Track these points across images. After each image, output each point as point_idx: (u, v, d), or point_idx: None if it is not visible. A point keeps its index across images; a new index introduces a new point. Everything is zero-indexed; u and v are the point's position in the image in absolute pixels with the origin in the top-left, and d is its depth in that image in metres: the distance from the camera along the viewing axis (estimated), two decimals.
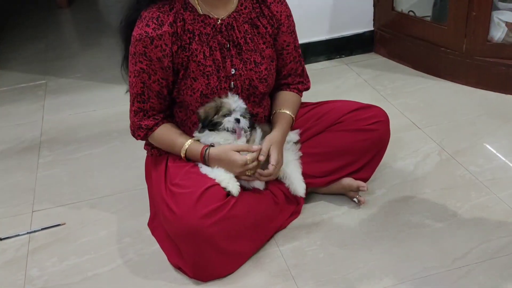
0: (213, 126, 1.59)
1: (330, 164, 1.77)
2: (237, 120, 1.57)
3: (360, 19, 2.86)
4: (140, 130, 1.66)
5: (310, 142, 1.77)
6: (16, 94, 2.78)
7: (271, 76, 1.70)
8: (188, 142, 1.62)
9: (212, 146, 1.60)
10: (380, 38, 2.86)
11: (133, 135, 1.70)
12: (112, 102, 2.58)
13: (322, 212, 1.77)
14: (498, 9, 2.41)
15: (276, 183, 1.69)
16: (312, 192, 1.81)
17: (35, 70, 3.06)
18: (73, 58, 3.24)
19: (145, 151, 1.82)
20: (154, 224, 1.73)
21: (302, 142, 1.77)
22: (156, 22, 1.54)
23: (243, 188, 1.61)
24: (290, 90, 1.79)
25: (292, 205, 1.74)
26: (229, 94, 1.61)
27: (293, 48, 1.74)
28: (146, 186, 1.83)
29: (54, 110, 2.59)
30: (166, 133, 1.66)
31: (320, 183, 1.78)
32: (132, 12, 1.62)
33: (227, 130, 1.59)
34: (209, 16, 1.60)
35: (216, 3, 1.60)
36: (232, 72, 1.63)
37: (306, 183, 1.72)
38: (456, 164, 1.96)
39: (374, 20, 2.86)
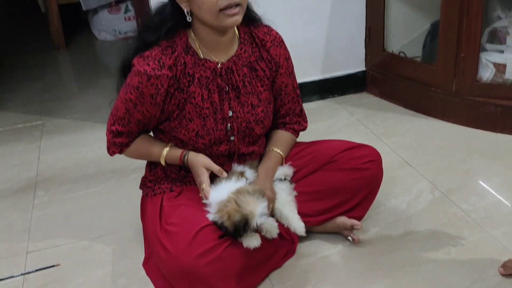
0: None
1: (324, 202, 1.78)
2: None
3: (352, 60, 2.92)
4: (114, 147, 1.70)
5: (304, 180, 1.79)
6: (13, 135, 2.80)
7: (268, 118, 1.73)
8: (166, 150, 1.68)
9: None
10: (372, 78, 2.92)
11: (108, 151, 1.73)
12: None
13: (316, 251, 1.77)
14: (486, 50, 2.48)
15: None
16: (306, 231, 1.81)
17: (32, 110, 3.09)
18: (70, 99, 3.28)
19: (140, 191, 1.84)
20: (149, 264, 1.73)
21: (296, 180, 1.79)
22: (158, 63, 1.57)
23: None
24: (285, 130, 1.82)
25: (287, 244, 1.75)
26: (250, 193, 1.53)
27: (291, 89, 1.78)
28: (141, 225, 1.84)
29: (50, 150, 2.60)
30: (141, 145, 1.71)
31: (314, 222, 1.79)
32: (135, 54, 1.64)
33: None
34: (209, 60, 1.63)
35: (216, 48, 1.63)
36: (230, 115, 1.66)
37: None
38: (449, 202, 1.98)
39: (365, 60, 2.93)
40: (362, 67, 2.95)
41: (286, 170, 1.77)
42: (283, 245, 1.73)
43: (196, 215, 1.61)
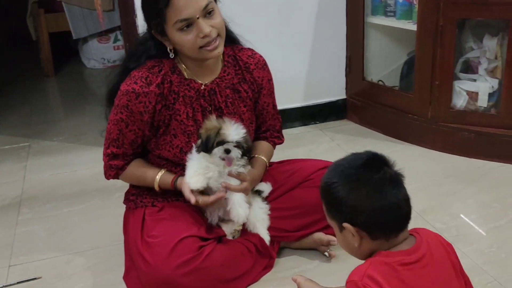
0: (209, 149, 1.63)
1: (301, 219, 1.83)
2: (227, 151, 1.63)
3: (333, 88, 3.03)
4: (110, 170, 1.75)
5: (283, 198, 1.85)
6: (0, 155, 2.83)
7: (249, 137, 1.80)
8: (159, 175, 1.73)
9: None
10: (352, 105, 3.02)
11: (105, 175, 1.78)
12: (93, 163, 2.64)
13: (294, 266, 1.82)
14: (459, 79, 2.58)
15: (250, 237, 1.75)
16: (284, 247, 1.87)
17: (19, 133, 3.13)
18: (56, 123, 3.34)
19: (124, 208, 1.88)
20: (129, 277, 1.75)
21: (275, 198, 1.85)
22: (145, 81, 1.64)
23: (217, 240, 1.68)
24: (267, 141, 1.91)
25: (265, 259, 1.79)
26: (231, 121, 1.65)
27: (271, 108, 1.88)
28: (123, 241, 1.87)
29: (36, 170, 2.64)
30: (136, 169, 1.76)
31: (292, 238, 1.84)
32: (119, 80, 1.71)
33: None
34: (194, 81, 1.71)
35: (200, 71, 1.72)
36: None
37: (279, 237, 1.81)
38: (423, 221, 2.04)
39: (346, 89, 3.04)
40: (342, 95, 3.05)
41: (265, 188, 1.83)
42: (261, 260, 1.78)
43: (177, 228, 1.66)
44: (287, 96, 2.90)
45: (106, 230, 2.07)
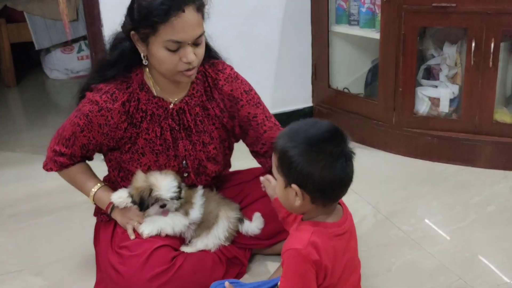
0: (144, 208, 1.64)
1: (272, 226, 1.84)
2: (163, 206, 1.64)
3: (299, 96, 3.08)
4: (54, 165, 1.72)
5: (252, 206, 1.84)
6: None
7: (220, 154, 1.78)
8: (95, 188, 1.73)
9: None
10: (318, 113, 3.07)
11: (44, 166, 1.75)
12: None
13: (266, 271, 1.83)
14: (421, 85, 2.67)
15: (221, 246, 1.76)
16: (256, 253, 1.89)
17: None
18: (19, 134, 3.28)
19: (93, 220, 1.85)
20: None
21: (244, 207, 1.85)
22: (110, 97, 1.61)
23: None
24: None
25: (236, 267, 1.80)
26: (159, 175, 1.64)
27: (263, 119, 1.76)
28: (93, 252, 1.85)
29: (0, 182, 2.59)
30: (79, 173, 1.75)
31: (263, 245, 1.85)
32: (90, 85, 1.68)
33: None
34: (163, 99, 1.67)
35: (170, 88, 1.67)
36: (183, 153, 1.72)
37: (251, 245, 1.81)
38: (390, 224, 2.10)
39: (312, 96, 3.09)
40: (309, 103, 3.10)
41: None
42: (233, 268, 1.79)
43: (149, 238, 1.65)
44: None
45: (75, 242, 2.04)
